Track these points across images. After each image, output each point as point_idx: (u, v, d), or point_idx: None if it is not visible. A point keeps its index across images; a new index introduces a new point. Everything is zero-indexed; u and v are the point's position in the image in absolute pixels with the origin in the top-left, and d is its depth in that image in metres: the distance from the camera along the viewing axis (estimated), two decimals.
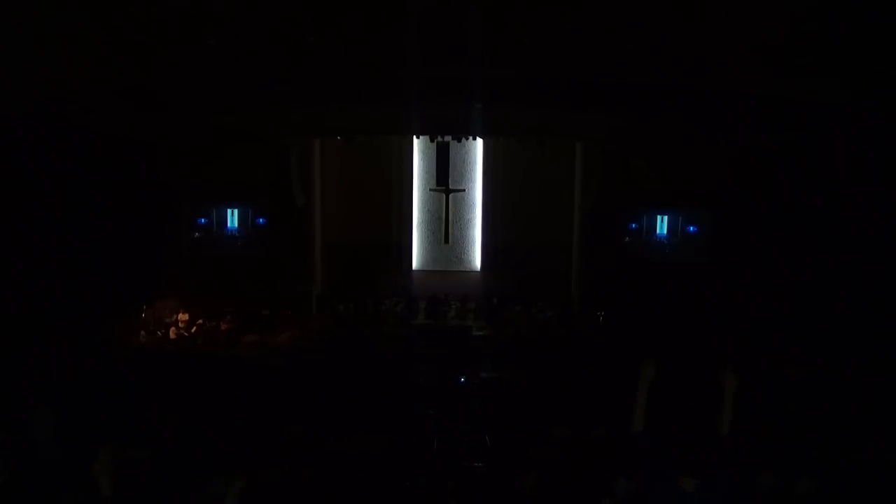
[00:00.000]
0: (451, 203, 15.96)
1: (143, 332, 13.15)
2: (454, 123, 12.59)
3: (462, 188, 16.03)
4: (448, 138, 14.38)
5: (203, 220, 14.90)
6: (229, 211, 14.91)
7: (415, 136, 14.99)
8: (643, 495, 3.62)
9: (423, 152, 16.02)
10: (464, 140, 14.49)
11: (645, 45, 7.56)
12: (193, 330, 13.65)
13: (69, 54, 7.59)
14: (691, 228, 14.48)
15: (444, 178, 15.88)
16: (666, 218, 14.51)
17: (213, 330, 13.72)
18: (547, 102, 10.20)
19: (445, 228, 16.01)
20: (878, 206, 11.82)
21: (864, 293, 12.06)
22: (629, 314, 13.61)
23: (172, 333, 13.44)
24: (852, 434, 6.97)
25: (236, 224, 14.96)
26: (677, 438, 3.52)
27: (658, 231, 14.58)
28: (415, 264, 16.42)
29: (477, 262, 16.42)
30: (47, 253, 11.77)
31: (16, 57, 7.38)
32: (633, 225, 14.61)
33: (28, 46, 7.18)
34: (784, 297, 12.97)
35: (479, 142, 15.40)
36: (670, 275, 13.87)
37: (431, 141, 14.62)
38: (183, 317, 13.95)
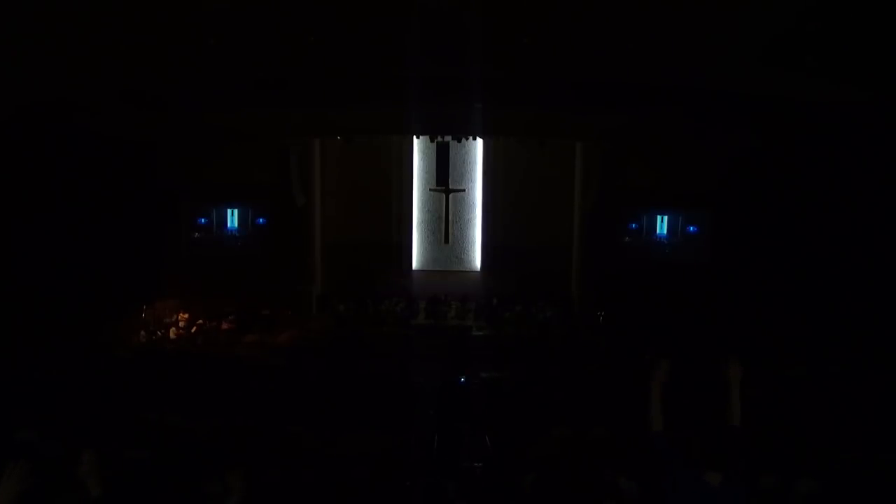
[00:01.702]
0: (451, 203, 15.95)
1: (143, 332, 13.14)
2: (454, 123, 12.59)
3: (462, 188, 16.02)
4: (448, 138, 14.37)
5: (203, 220, 14.89)
6: (229, 211, 14.90)
7: (415, 136, 14.98)
8: (667, 496, 3.58)
9: (423, 152, 16.01)
10: (464, 140, 14.48)
11: (645, 45, 7.57)
12: (193, 330, 13.65)
13: (69, 54, 7.60)
14: (691, 228, 14.47)
15: (444, 178, 15.87)
16: (666, 218, 14.50)
17: (213, 330, 13.71)
18: (547, 102, 10.21)
19: (445, 228, 16.00)
20: (879, 206, 11.83)
21: (864, 293, 12.06)
22: (629, 314, 13.61)
23: (172, 333, 13.43)
24: (852, 434, 6.97)
25: (236, 224, 14.95)
26: (693, 435, 3.50)
27: (658, 231, 14.57)
28: (415, 264, 16.41)
29: (477, 262, 16.42)
30: (47, 253, 11.77)
31: (16, 57, 7.38)
32: (633, 225, 14.60)
33: (28, 46, 7.18)
34: (784, 297, 12.97)
35: (479, 142, 15.39)
36: (670, 275, 13.86)
37: (431, 141, 14.62)
38: (183, 317, 13.95)
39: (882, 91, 8.43)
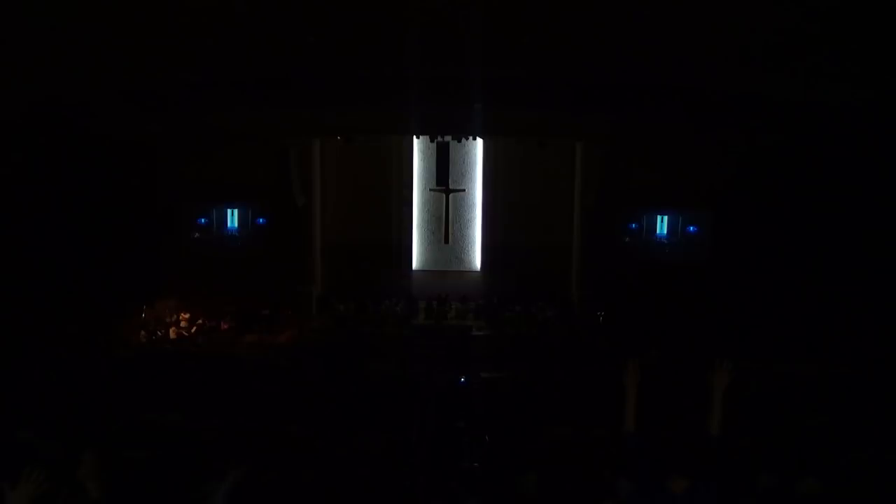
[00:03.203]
0: (451, 203, 15.95)
1: (143, 332, 13.14)
2: (454, 123, 12.59)
3: (462, 188, 16.02)
4: (448, 138, 14.37)
5: (203, 220, 14.89)
6: (229, 211, 14.91)
7: (415, 136, 14.98)
8: (636, 496, 3.59)
9: (423, 152, 16.01)
10: (464, 140, 14.48)
11: (645, 45, 7.57)
12: (193, 330, 13.65)
13: (69, 54, 7.59)
14: (691, 228, 14.47)
15: (444, 178, 15.86)
16: (666, 218, 14.49)
17: (213, 330, 13.72)
18: (547, 102, 10.20)
19: (445, 228, 15.99)
20: (878, 206, 11.83)
21: (864, 293, 12.07)
22: (629, 314, 13.60)
23: (172, 333, 13.43)
24: (852, 434, 6.96)
25: (236, 224, 14.96)
26: (668, 439, 3.49)
27: (658, 231, 14.56)
28: (415, 264, 16.41)
29: (477, 262, 16.42)
30: (48, 253, 11.77)
31: (16, 57, 7.38)
32: (633, 225, 14.60)
33: (28, 46, 7.18)
34: (784, 297, 12.97)
35: (479, 142, 15.39)
36: (670, 275, 13.86)
37: (431, 141, 14.61)
38: (183, 317, 13.95)
39: (882, 91, 8.43)
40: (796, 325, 12.14)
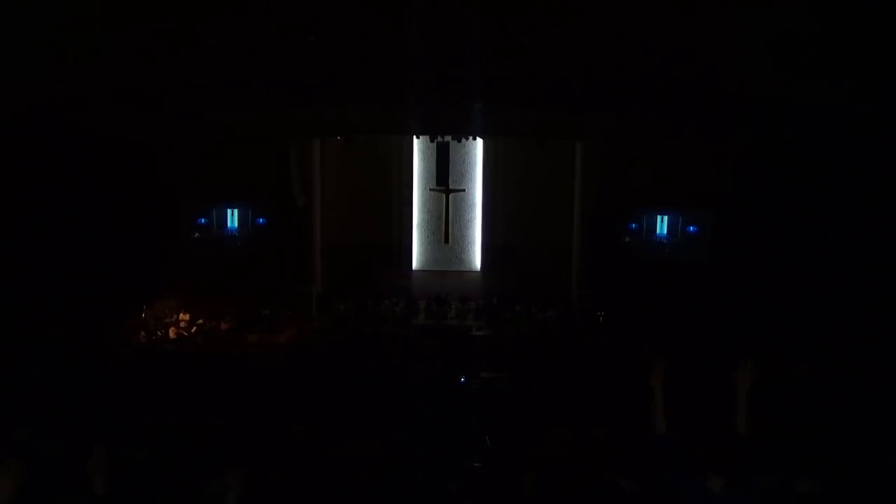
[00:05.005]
0: (451, 203, 15.96)
1: (143, 332, 13.14)
2: (454, 123, 12.59)
3: (462, 188, 16.03)
4: (448, 138, 14.38)
5: (203, 220, 14.89)
6: (229, 211, 14.91)
7: (415, 136, 14.99)
8: (670, 499, 3.54)
9: (423, 152, 16.02)
10: (464, 140, 14.50)
11: (645, 45, 7.57)
12: (193, 330, 13.66)
13: (69, 54, 7.59)
14: (691, 228, 14.47)
15: (444, 178, 15.88)
16: (666, 218, 14.49)
17: (213, 330, 13.72)
18: (547, 102, 10.20)
19: (445, 228, 16.01)
20: (878, 206, 11.83)
21: (864, 293, 12.06)
22: (629, 314, 13.60)
23: (172, 333, 13.44)
24: (852, 434, 6.96)
25: (236, 224, 14.96)
26: (697, 439, 3.47)
27: (658, 231, 14.56)
28: (415, 264, 16.42)
29: (477, 262, 16.43)
30: (48, 253, 11.77)
31: (16, 57, 7.37)
32: (633, 225, 14.59)
33: (28, 46, 7.18)
34: (784, 297, 12.97)
35: (479, 142, 15.41)
36: (670, 275, 13.86)
37: (431, 141, 14.63)
38: (183, 317, 13.96)
39: (881, 92, 8.43)
40: (796, 325, 12.14)
